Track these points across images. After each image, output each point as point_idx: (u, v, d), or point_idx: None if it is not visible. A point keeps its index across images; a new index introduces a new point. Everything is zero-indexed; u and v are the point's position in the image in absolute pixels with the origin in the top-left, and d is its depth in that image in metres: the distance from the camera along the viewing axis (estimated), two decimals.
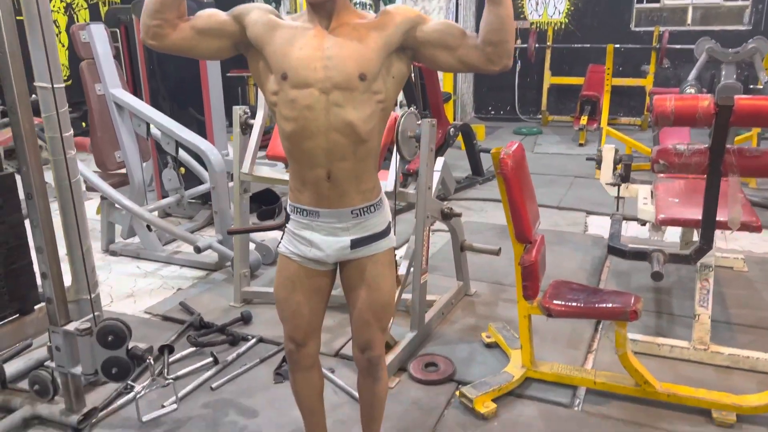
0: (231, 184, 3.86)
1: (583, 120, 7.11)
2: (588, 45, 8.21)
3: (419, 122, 2.74)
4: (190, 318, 3.13)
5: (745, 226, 2.63)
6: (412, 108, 2.77)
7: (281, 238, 1.88)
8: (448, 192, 3.33)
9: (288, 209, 1.83)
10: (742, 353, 2.66)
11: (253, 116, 3.17)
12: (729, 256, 3.72)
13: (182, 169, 4.36)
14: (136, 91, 4.43)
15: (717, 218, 2.57)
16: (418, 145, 2.76)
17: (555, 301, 2.35)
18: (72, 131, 2.42)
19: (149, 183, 4.68)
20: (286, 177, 3.07)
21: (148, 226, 3.95)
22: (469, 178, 5.66)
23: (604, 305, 2.30)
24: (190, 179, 4.34)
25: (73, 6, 8.39)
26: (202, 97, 4.48)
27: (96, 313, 2.36)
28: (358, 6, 7.55)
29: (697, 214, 2.73)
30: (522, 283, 2.35)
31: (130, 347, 2.22)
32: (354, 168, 1.70)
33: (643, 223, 3.18)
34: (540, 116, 8.55)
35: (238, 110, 3.14)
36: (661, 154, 2.58)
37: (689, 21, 8.09)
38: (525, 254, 2.34)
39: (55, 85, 2.35)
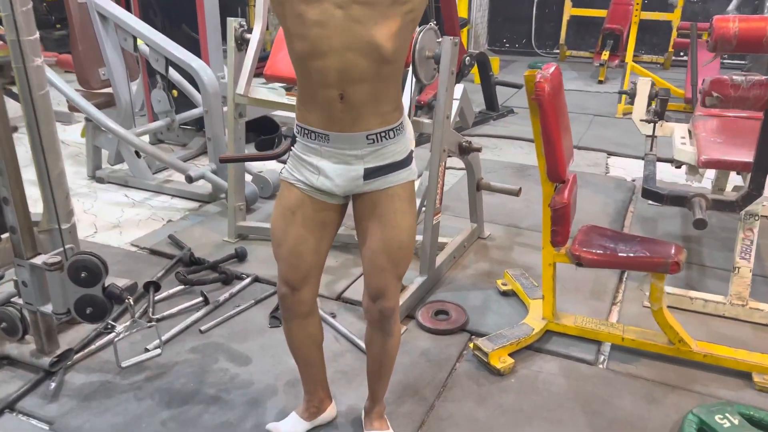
0: (225, 108, 3.54)
1: (605, 55, 6.68)
2: None
3: (439, 40, 2.40)
4: (179, 253, 2.88)
5: None
6: (431, 23, 2.42)
7: (286, 162, 1.61)
8: (466, 124, 3.02)
9: (295, 130, 1.55)
10: None
11: (250, 30, 2.81)
12: (766, 203, 3.43)
13: (174, 92, 4.02)
14: (125, 3, 4.02)
15: None
16: (436, 67, 2.43)
17: (586, 249, 2.08)
18: (37, 34, 2.09)
19: (140, 106, 4.34)
20: (286, 100, 2.75)
21: (136, 152, 3.65)
22: (483, 113, 5.31)
23: (642, 255, 2.03)
24: (184, 103, 4.00)
25: None
26: (194, 13, 4.08)
27: (69, 246, 2.09)
28: None
29: (746, 156, 2.43)
30: (551, 227, 2.08)
31: (107, 285, 1.96)
32: (373, 90, 1.42)
33: (679, 165, 2.88)
34: (557, 51, 8.07)
35: (233, 22, 2.78)
36: (716, 85, 2.25)
37: None
38: (556, 195, 2.06)
39: None
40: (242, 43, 2.80)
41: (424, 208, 2.59)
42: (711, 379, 2.13)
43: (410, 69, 2.40)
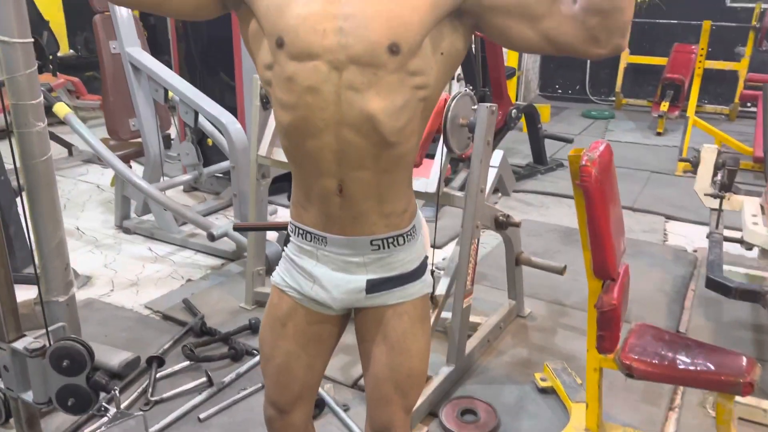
0: None
1: (664, 106, 6.30)
2: (674, 21, 7.30)
3: (475, 107, 2.17)
4: (191, 321, 2.69)
5: None
6: (467, 88, 2.19)
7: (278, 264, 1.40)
8: (505, 192, 2.75)
9: (288, 228, 1.33)
10: None
11: None
12: None
13: (209, 141, 3.92)
14: (155, 52, 3.96)
15: None
16: (470, 136, 2.19)
17: (638, 357, 1.77)
18: (41, 98, 1.97)
19: (176, 155, 4.27)
20: None
21: (164, 209, 3.53)
22: (530, 166, 5.02)
23: (707, 370, 1.71)
24: (217, 151, 3.89)
25: None
26: (231, 61, 4.00)
27: (59, 325, 1.92)
28: None
29: None
30: (597, 331, 1.78)
31: (90, 375, 1.77)
32: (376, 181, 1.18)
33: (750, 247, 2.53)
34: (613, 98, 7.73)
35: (257, 80, 2.63)
36: None
37: None
38: (604, 294, 1.76)
39: (21, 40, 1.90)
40: (267, 102, 2.64)
41: (454, 288, 2.33)
42: None
43: (440, 138, 2.17)
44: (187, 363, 2.43)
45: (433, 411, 2.18)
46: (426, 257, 1.34)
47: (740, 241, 2.57)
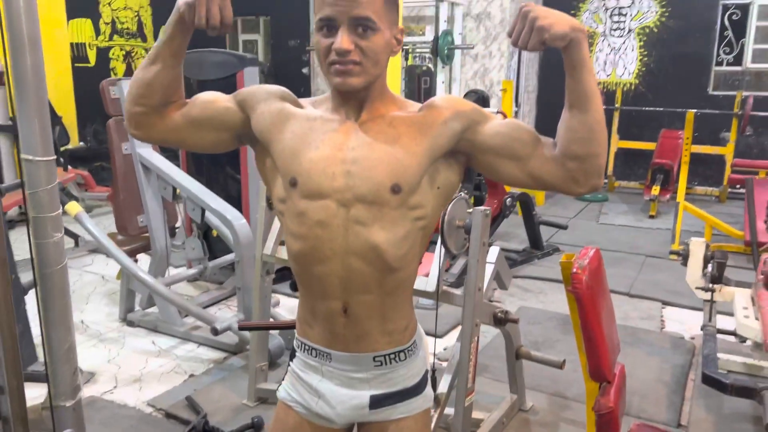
0: None
1: (655, 190, 6.50)
2: (660, 108, 7.63)
3: (470, 210, 2.28)
4: (194, 420, 2.70)
5: None
6: (463, 192, 2.32)
7: (283, 378, 1.45)
8: (503, 287, 2.83)
9: (294, 344, 1.41)
10: None
11: None
12: None
13: (214, 232, 4.03)
14: (163, 147, 4.15)
15: None
16: (467, 237, 2.30)
17: None
18: (60, 210, 2.08)
19: (181, 244, 4.37)
20: None
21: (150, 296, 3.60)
22: (527, 251, 5.12)
23: None
24: (222, 243, 3.99)
25: (132, 54, 8.45)
26: (237, 156, 4.18)
27: (68, 431, 1.96)
28: (416, 59, 7.28)
29: None
30: None
31: None
32: (379, 303, 1.27)
33: (743, 339, 2.59)
34: (606, 181, 7.95)
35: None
36: None
37: None
38: (601, 397, 1.81)
39: (44, 158, 2.03)
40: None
41: (455, 387, 2.37)
42: None
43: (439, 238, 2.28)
44: None
45: None
46: (427, 371, 1.40)
47: (734, 334, 2.63)
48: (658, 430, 1.96)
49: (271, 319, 3.22)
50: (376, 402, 1.32)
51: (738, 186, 6.95)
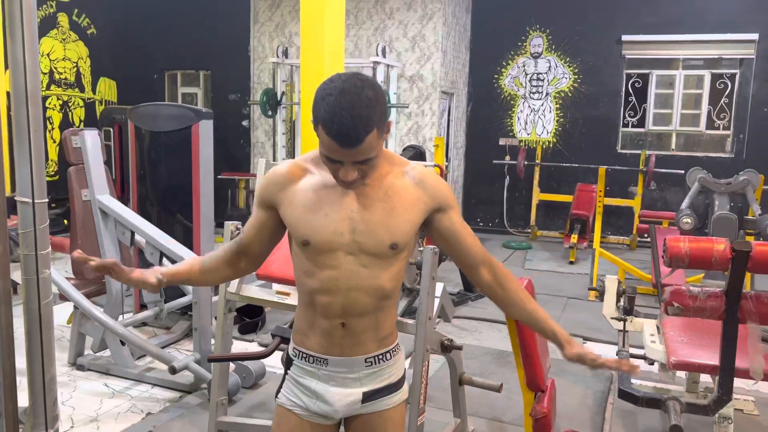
0: (214, 298, 3.66)
1: (574, 238, 7.08)
2: (576, 164, 8.37)
3: (421, 249, 2.61)
4: None
5: (766, 376, 2.46)
6: None
7: (280, 386, 1.66)
8: (446, 319, 3.15)
9: (291, 352, 1.63)
10: None
11: None
12: (738, 397, 3.51)
13: None
14: (123, 192, 4.30)
15: (736, 365, 2.41)
16: (419, 273, 2.61)
17: None
18: (49, 248, 2.25)
19: (127, 290, 4.45)
20: (277, 299, 2.89)
21: (121, 340, 3.68)
22: (461, 294, 5.50)
23: None
24: (172, 288, 4.12)
25: (70, 104, 8.47)
26: (190, 204, 4.36)
27: None
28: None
29: (712, 358, 2.57)
30: None
31: None
32: (374, 319, 1.56)
33: (651, 362, 3.00)
34: (529, 230, 8.55)
35: (230, 225, 2.99)
36: (675, 296, 2.45)
37: (673, 146, 8.33)
38: (537, 404, 2.14)
39: (37, 201, 2.21)
40: None
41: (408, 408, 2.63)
42: None
43: None
44: None
45: None
46: (405, 369, 1.68)
47: (643, 357, 3.04)
48: None
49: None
50: (368, 397, 1.58)
51: (645, 235, 7.67)
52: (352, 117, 1.33)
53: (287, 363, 1.65)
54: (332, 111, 1.34)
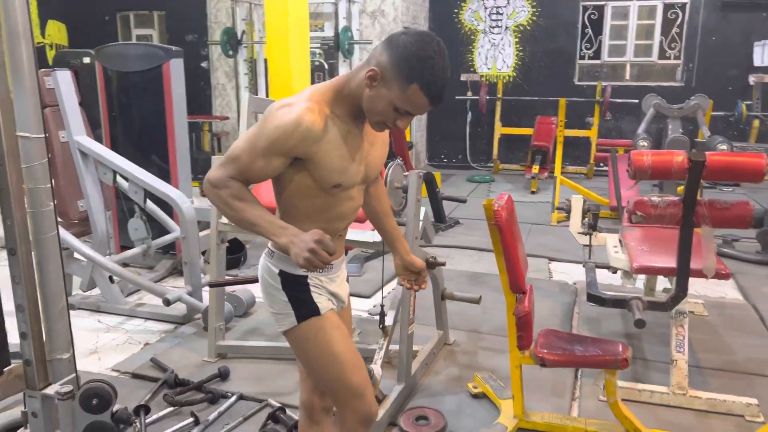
0: (202, 233, 3.77)
1: (535, 169, 7.36)
2: (536, 98, 8.57)
3: (406, 173, 2.77)
4: (163, 375, 2.98)
5: (715, 274, 2.76)
6: (398, 159, 2.80)
7: (303, 304, 1.72)
8: (428, 241, 3.36)
9: (303, 271, 1.71)
10: (719, 397, 2.75)
11: None
12: (689, 300, 3.87)
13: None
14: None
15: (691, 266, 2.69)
16: (405, 196, 2.79)
17: (548, 351, 2.38)
18: (51, 182, 2.32)
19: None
20: None
21: (110, 278, 3.78)
22: (432, 224, 5.71)
23: (595, 354, 2.34)
24: (158, 226, 4.20)
25: None
26: (165, 144, 4.40)
27: (74, 375, 2.21)
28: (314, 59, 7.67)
29: (670, 262, 2.85)
30: (516, 333, 2.37)
31: (115, 410, 2.09)
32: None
33: (615, 270, 3.29)
34: (491, 165, 8.81)
35: (217, 160, 3.08)
36: (638, 206, 2.70)
37: (627, 77, 8.60)
38: (519, 304, 2.37)
39: (38, 135, 2.27)
40: None
41: (399, 319, 2.85)
42: None
43: None
44: (170, 409, 2.73)
45: (392, 422, 2.64)
46: None
47: (607, 267, 3.32)
48: (559, 331, 2.56)
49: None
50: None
51: (601, 164, 8.02)
52: (445, 80, 1.51)
53: (295, 284, 1.72)
54: (435, 74, 1.48)
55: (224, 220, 3.07)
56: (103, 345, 3.44)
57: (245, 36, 7.41)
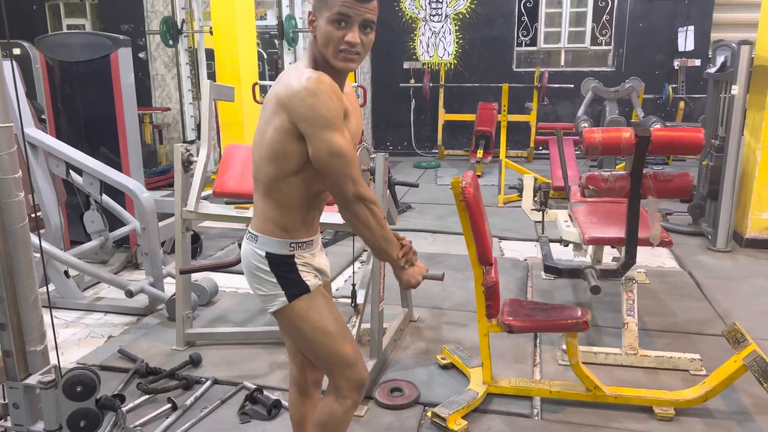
0: (161, 223, 3.74)
1: (479, 153, 7.58)
2: (477, 84, 8.80)
3: (373, 156, 2.86)
4: (134, 365, 2.97)
5: (660, 242, 2.99)
6: (364, 143, 2.88)
7: (286, 284, 1.76)
8: (392, 221, 3.45)
9: (286, 252, 1.76)
10: (666, 354, 2.99)
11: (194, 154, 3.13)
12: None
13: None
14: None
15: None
16: (372, 178, 2.87)
17: (514, 318, 2.53)
18: (20, 172, 2.28)
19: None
20: (236, 213, 3.06)
21: (65, 272, 3.70)
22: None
23: (560, 319, 2.51)
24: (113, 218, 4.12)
25: None
26: (114, 135, 4.31)
27: (53, 365, 2.20)
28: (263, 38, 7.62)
29: (619, 233, 3.06)
30: (485, 302, 2.51)
31: (98, 397, 2.09)
32: None
33: (567, 244, 3.49)
34: (436, 151, 8.99)
35: (179, 147, 3.08)
36: (590, 180, 2.88)
37: (562, 63, 8.95)
38: (486, 275, 2.51)
39: (3, 125, 2.22)
40: (189, 165, 3.10)
41: (370, 297, 2.94)
42: (624, 416, 2.60)
43: None
44: (145, 397, 2.73)
45: (368, 395, 2.74)
46: None
47: (560, 241, 3.52)
48: (522, 300, 2.72)
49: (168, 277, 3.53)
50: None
51: (540, 147, 8.33)
52: None
53: (283, 265, 1.75)
54: None
55: (188, 207, 3.07)
56: (64, 341, 3.38)
57: (186, 25, 7.27)
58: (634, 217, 2.87)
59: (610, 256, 4.07)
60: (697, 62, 7.90)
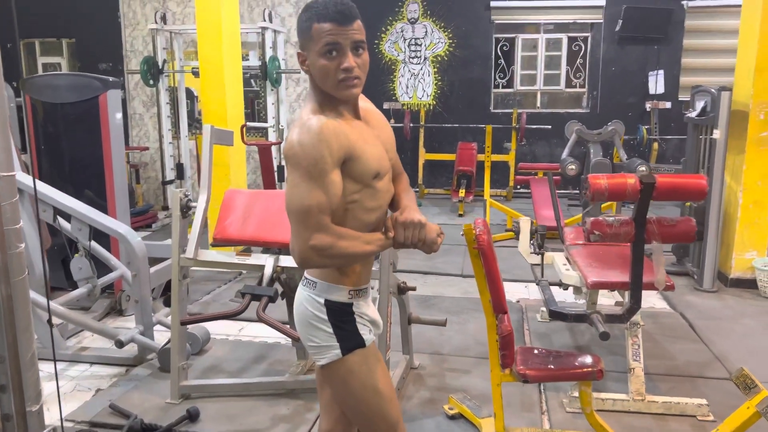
0: (152, 269, 3.63)
1: (461, 193, 7.62)
2: (456, 125, 8.91)
3: None
4: (127, 422, 2.82)
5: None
6: None
7: (349, 335, 1.69)
8: (393, 266, 3.40)
9: (345, 300, 1.70)
10: (673, 400, 2.98)
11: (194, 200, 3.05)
12: None
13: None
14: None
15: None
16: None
17: (528, 368, 2.49)
18: (21, 223, 2.18)
19: None
20: (237, 260, 2.97)
21: (48, 321, 3.53)
22: None
23: (574, 367, 2.48)
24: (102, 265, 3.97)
25: None
26: (101, 178, 4.20)
27: (51, 426, 2.07)
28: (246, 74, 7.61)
29: (621, 276, 3.07)
30: (500, 352, 2.46)
31: None
32: None
33: (566, 287, 3.49)
34: (417, 189, 9.01)
35: (177, 193, 3.01)
36: (595, 225, 2.89)
37: (538, 104, 9.15)
38: (501, 324, 2.47)
39: (6, 174, 2.14)
40: (187, 211, 3.02)
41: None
42: None
43: None
44: None
45: None
46: None
47: (559, 284, 3.52)
48: (533, 348, 2.68)
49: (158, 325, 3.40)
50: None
51: (519, 186, 8.43)
52: (336, 3, 1.57)
53: (341, 314, 1.69)
54: (320, 3, 1.57)
55: (187, 255, 2.99)
56: (48, 394, 3.18)
57: (167, 65, 7.22)
58: (638, 262, 2.89)
59: (603, 297, 4.08)
60: (668, 104, 8.15)
